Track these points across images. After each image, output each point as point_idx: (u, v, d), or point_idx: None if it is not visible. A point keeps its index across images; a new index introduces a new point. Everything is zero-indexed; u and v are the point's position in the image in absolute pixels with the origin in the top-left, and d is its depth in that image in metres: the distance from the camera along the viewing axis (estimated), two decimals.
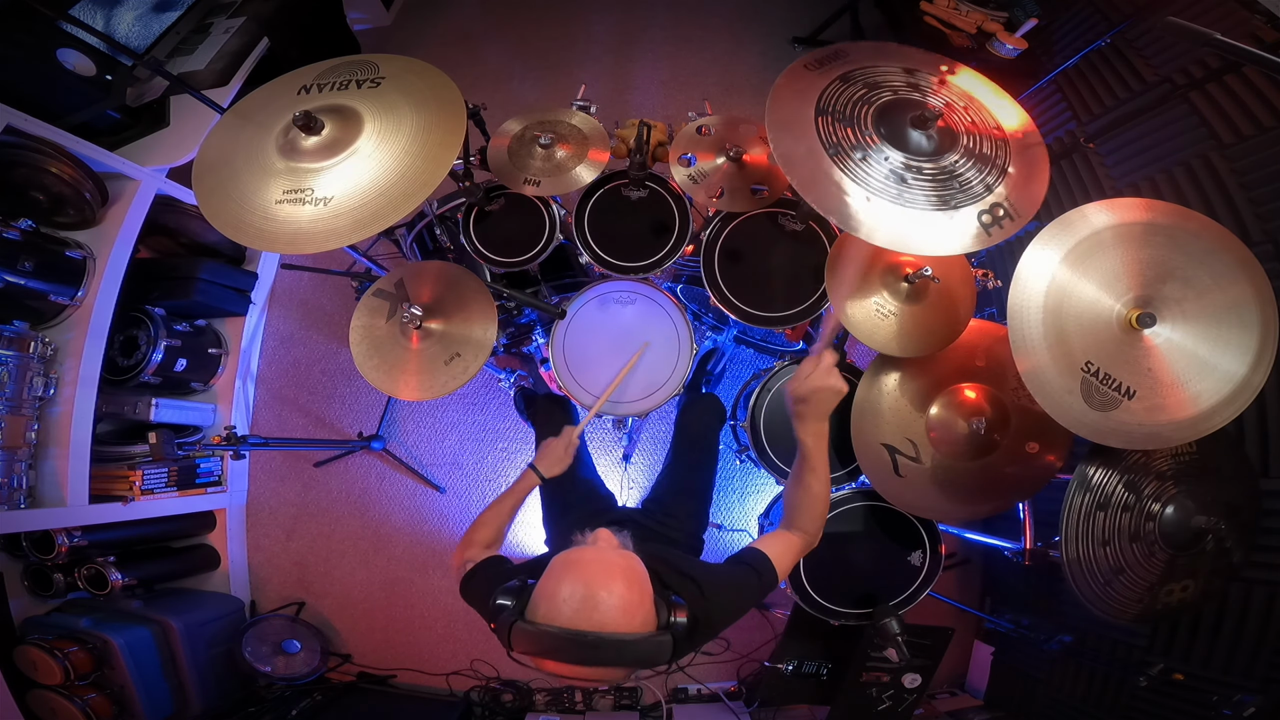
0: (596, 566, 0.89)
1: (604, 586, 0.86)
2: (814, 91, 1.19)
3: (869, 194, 1.11)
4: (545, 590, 0.88)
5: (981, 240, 1.11)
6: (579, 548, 0.95)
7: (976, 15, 2.31)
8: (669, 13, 3.17)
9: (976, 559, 2.42)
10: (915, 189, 1.13)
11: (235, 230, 1.17)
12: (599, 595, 0.85)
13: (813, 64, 1.24)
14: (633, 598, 0.87)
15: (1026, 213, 1.13)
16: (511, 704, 2.35)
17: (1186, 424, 1.19)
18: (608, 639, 0.83)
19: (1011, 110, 1.26)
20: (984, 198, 1.13)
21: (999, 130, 1.21)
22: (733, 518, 2.48)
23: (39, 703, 1.88)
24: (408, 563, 2.52)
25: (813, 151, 1.14)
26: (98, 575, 2.05)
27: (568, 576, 0.88)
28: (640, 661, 0.86)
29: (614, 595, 0.86)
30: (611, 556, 0.92)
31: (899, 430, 1.49)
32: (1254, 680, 1.53)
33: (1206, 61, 1.72)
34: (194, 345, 2.35)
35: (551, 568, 0.91)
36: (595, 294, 1.68)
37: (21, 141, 1.83)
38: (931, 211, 1.12)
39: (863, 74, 1.24)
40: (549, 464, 1.45)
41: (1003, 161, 1.17)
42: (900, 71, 1.26)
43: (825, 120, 1.17)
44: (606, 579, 0.87)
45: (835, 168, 1.13)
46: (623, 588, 0.87)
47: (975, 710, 2.20)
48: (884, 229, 1.09)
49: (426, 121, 1.22)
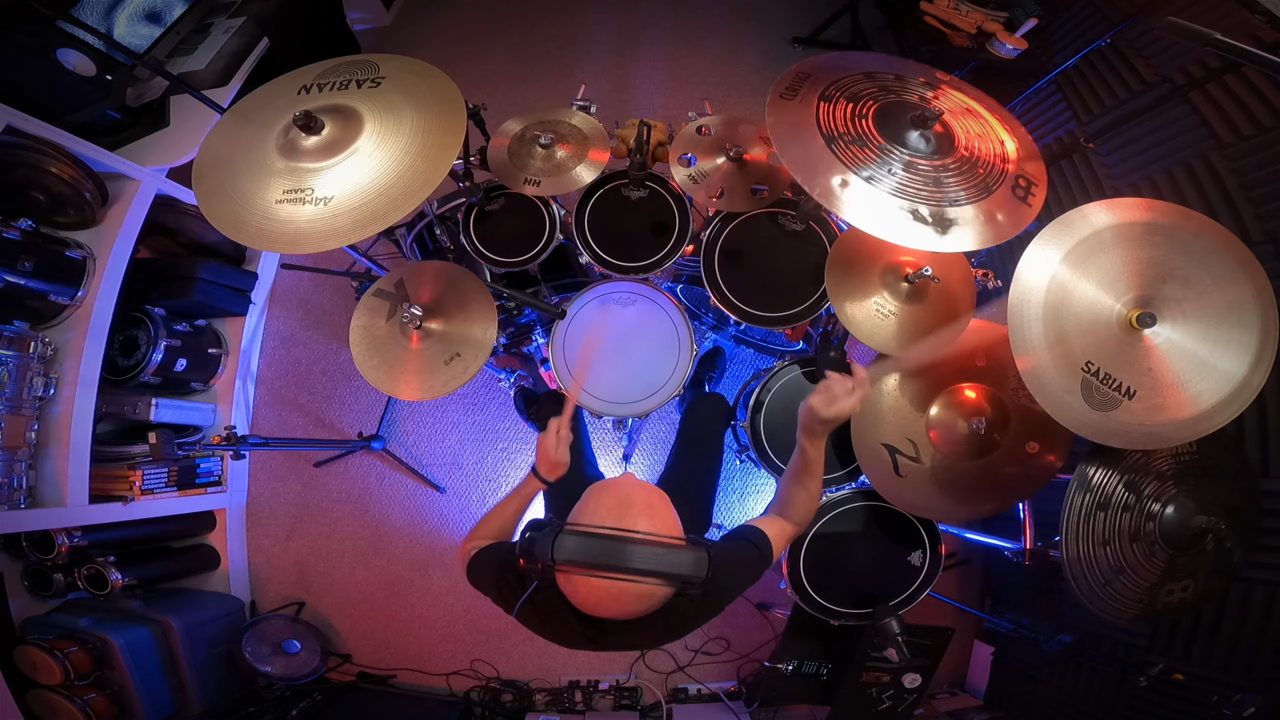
0: (631, 484, 0.96)
1: (641, 497, 0.92)
2: (809, 123, 1.21)
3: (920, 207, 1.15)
4: (585, 506, 0.94)
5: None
6: (606, 479, 1.00)
7: (976, 15, 2.31)
8: (669, 13, 3.17)
9: (976, 559, 2.42)
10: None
11: (235, 230, 1.17)
12: (638, 503, 0.91)
13: (787, 93, 1.26)
14: (668, 512, 0.94)
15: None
16: (511, 704, 2.35)
17: (1186, 424, 1.19)
18: (652, 539, 0.86)
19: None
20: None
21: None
22: (733, 518, 2.48)
23: (39, 703, 1.88)
24: (408, 563, 2.52)
25: (848, 181, 1.17)
26: (98, 575, 2.05)
27: (606, 491, 0.94)
28: (679, 571, 0.85)
29: (652, 505, 0.92)
30: (641, 481, 0.98)
31: (899, 430, 1.49)
32: (1254, 680, 1.53)
33: (1206, 61, 1.72)
34: (194, 345, 2.35)
35: (588, 494, 0.96)
36: (596, 295, 1.68)
37: (21, 141, 1.83)
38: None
39: (839, 88, 1.27)
40: (546, 464, 1.44)
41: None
42: (865, 78, 1.29)
43: (839, 147, 1.19)
44: (644, 491, 0.94)
45: (897, 201, 1.16)
46: (659, 500, 0.94)
47: (975, 710, 2.20)
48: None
49: (426, 121, 1.22)
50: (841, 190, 1.16)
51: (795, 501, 1.18)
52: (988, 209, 1.17)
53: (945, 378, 1.49)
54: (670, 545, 0.87)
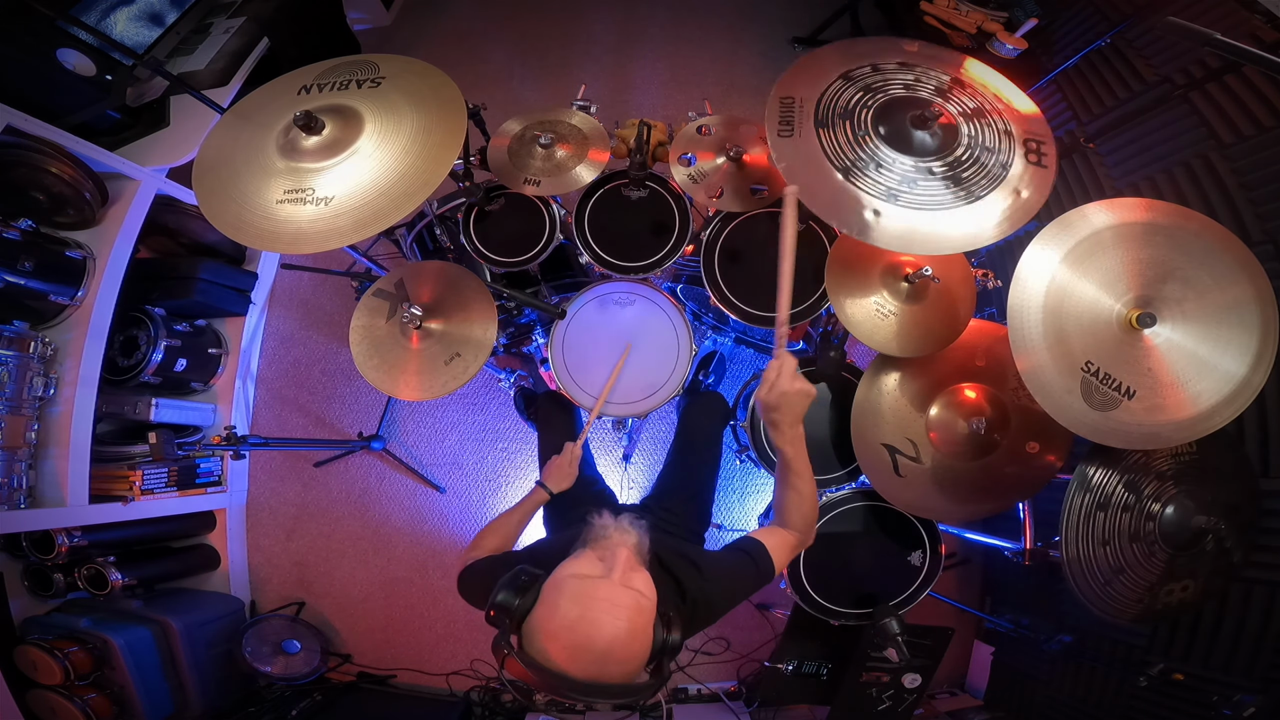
0: (604, 611, 0.83)
1: (606, 636, 0.82)
2: (815, 155, 1.20)
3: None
4: (546, 623, 0.85)
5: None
6: (591, 580, 0.87)
7: (976, 15, 2.31)
8: (669, 13, 3.17)
9: (976, 559, 2.42)
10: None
11: (235, 230, 1.17)
12: (600, 646, 0.82)
13: (784, 129, 1.22)
14: (632, 646, 0.84)
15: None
16: (511, 704, 2.34)
17: (1186, 424, 1.19)
18: (596, 688, 0.81)
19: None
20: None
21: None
22: (733, 518, 2.48)
23: (39, 703, 1.88)
24: (408, 563, 2.52)
25: (879, 211, 1.16)
26: (98, 575, 2.05)
27: (571, 614, 0.83)
28: (622, 705, 0.88)
29: (615, 646, 0.82)
30: (622, 597, 0.85)
31: (899, 430, 1.49)
32: (1254, 680, 1.53)
33: (1206, 61, 1.72)
34: (194, 345, 2.35)
35: (559, 594, 0.87)
36: (595, 294, 1.68)
37: (21, 141, 1.83)
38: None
39: (829, 108, 1.25)
40: (555, 480, 1.45)
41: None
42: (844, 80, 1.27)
43: (851, 180, 1.18)
44: (612, 625, 0.83)
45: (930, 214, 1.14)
46: (625, 635, 0.83)
47: (975, 710, 2.20)
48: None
49: (427, 121, 1.22)
50: (877, 221, 1.14)
51: (787, 506, 1.14)
52: (1013, 188, 1.16)
53: (945, 378, 1.49)
54: (615, 688, 0.83)
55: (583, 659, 0.81)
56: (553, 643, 0.83)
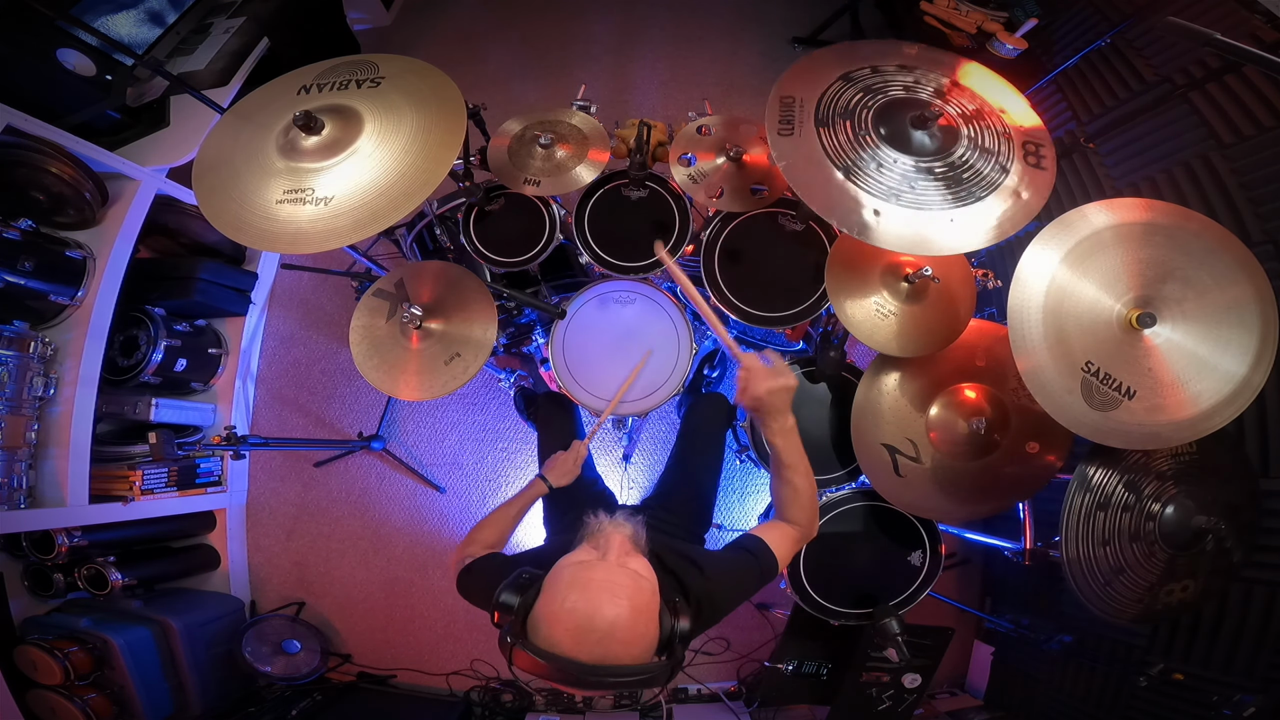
0: (602, 591, 0.85)
1: (608, 615, 0.83)
2: (816, 153, 1.20)
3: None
4: (548, 610, 0.85)
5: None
6: (587, 564, 0.90)
7: (976, 15, 2.31)
8: (669, 13, 3.17)
9: (976, 559, 2.42)
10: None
11: (235, 230, 1.17)
12: (601, 625, 0.82)
13: (784, 129, 1.21)
14: (637, 626, 0.85)
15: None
16: (511, 704, 2.35)
17: (1186, 424, 1.19)
18: (605, 670, 0.82)
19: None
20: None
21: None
22: (733, 518, 2.48)
23: (39, 703, 1.88)
24: (408, 563, 2.52)
25: (879, 210, 1.16)
26: (98, 575, 2.05)
27: (571, 598, 0.84)
28: (638, 686, 0.86)
29: (618, 625, 0.83)
30: (619, 577, 0.87)
31: (899, 430, 1.49)
32: (1254, 680, 1.53)
33: (1206, 61, 1.72)
34: (194, 345, 2.35)
35: (558, 582, 0.88)
36: (595, 294, 1.68)
37: (21, 141, 1.83)
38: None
39: (829, 107, 1.24)
40: (557, 475, 1.45)
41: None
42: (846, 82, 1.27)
43: (851, 179, 1.18)
44: (613, 604, 0.83)
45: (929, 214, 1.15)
46: (627, 614, 0.84)
47: (975, 710, 2.20)
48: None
49: (426, 121, 1.22)
50: (877, 221, 1.14)
51: (785, 500, 1.15)
52: (1012, 189, 1.17)
53: (945, 378, 1.49)
54: (628, 670, 0.83)
55: (587, 640, 0.82)
56: (557, 628, 0.84)
